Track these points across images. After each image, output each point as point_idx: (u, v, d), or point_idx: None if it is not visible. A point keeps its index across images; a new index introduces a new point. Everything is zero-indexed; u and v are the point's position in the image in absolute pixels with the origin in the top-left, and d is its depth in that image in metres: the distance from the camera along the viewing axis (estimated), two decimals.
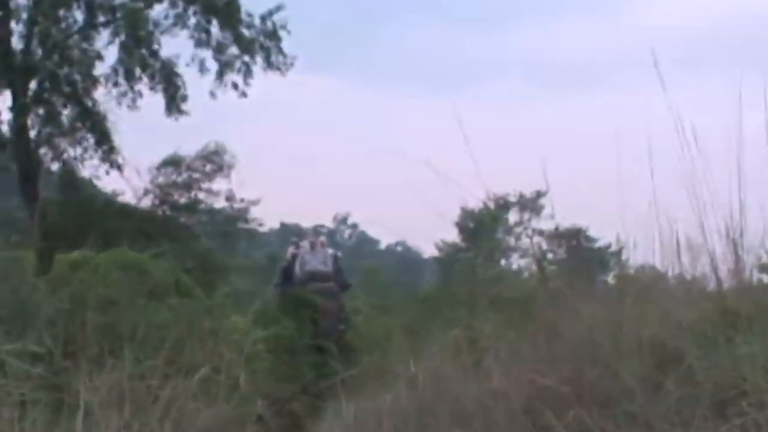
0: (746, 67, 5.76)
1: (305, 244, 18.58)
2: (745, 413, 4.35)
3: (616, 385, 4.99)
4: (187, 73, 28.58)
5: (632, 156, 6.43)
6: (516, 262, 49.81)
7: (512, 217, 56.13)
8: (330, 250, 18.50)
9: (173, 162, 30.08)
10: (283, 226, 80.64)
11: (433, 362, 7.01)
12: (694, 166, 5.69)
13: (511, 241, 54.13)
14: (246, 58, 28.26)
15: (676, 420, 4.52)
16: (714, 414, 4.48)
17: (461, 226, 48.56)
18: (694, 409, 4.48)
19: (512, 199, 55.67)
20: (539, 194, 51.97)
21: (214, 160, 30.21)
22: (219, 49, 28.15)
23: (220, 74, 28.47)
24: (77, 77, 27.69)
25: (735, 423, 4.37)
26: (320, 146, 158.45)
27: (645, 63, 6.03)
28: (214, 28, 28.14)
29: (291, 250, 18.54)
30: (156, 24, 27.72)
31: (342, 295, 17.92)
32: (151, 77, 28.00)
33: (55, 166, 28.91)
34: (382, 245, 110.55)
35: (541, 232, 47.56)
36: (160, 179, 30.12)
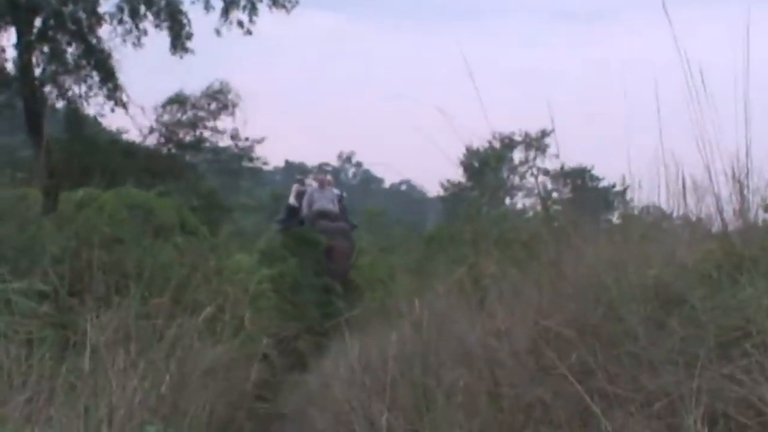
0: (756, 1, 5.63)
1: (311, 182, 18.52)
2: (750, 354, 4.35)
3: (619, 326, 4.99)
4: (192, 11, 28.41)
5: (639, 95, 6.37)
6: (521, 201, 49.92)
7: (517, 156, 56.17)
8: (335, 190, 18.41)
9: (178, 100, 30.05)
10: (288, 164, 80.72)
11: (437, 302, 7.02)
12: (700, 106, 5.61)
13: (516, 180, 54.27)
14: None
15: (680, 361, 4.52)
16: (718, 355, 4.47)
17: (466, 166, 48.54)
18: (698, 350, 4.48)
19: (517, 138, 55.63)
20: (544, 133, 51.99)
21: (219, 99, 30.19)
22: None
23: (226, 12, 28.22)
24: (82, 15, 27.41)
25: (739, 364, 4.36)
26: (325, 84, 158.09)
27: None
28: None
29: (296, 187, 18.47)
30: None
31: (353, 235, 17.91)
32: (156, 15, 27.79)
33: (60, 104, 28.80)
34: (387, 184, 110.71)
35: (546, 172, 47.52)
36: (165, 117, 30.09)
